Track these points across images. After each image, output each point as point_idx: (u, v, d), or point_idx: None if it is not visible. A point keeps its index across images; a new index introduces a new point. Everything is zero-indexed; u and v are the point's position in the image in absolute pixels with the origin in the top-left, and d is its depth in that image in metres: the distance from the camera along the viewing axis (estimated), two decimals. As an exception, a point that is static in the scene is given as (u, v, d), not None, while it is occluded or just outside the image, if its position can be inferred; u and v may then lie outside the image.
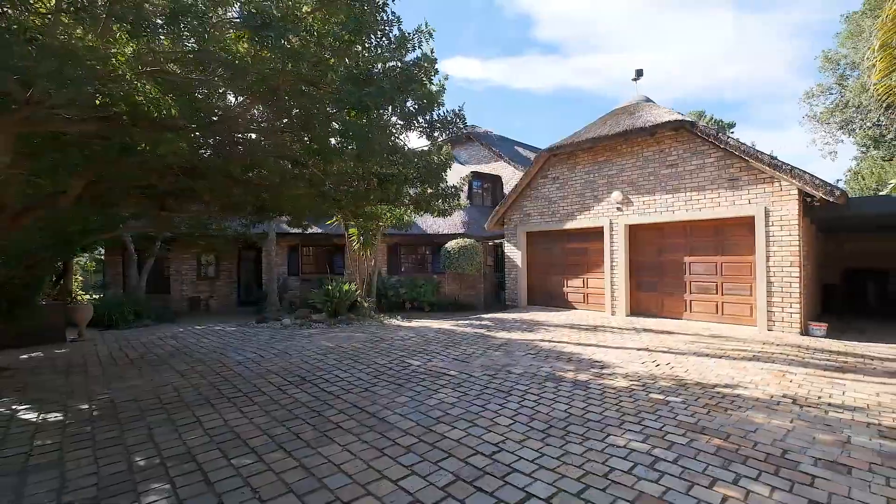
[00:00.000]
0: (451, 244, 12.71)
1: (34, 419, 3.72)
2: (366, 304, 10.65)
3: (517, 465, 2.80)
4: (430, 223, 13.89)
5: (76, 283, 12.04)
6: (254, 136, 4.03)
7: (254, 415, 3.79)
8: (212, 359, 5.97)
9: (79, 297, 10.17)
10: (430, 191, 5.51)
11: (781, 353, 5.93)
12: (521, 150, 19.68)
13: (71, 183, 4.63)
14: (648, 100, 10.42)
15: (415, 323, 9.49)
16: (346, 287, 10.69)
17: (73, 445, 3.17)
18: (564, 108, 78.14)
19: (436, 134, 4.42)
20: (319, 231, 13.09)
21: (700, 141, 8.49)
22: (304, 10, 3.27)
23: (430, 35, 3.84)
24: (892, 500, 2.38)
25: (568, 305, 11.00)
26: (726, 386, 4.47)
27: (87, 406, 4.04)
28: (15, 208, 4.87)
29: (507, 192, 16.38)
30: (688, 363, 5.43)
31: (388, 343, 7.00)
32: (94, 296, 11.82)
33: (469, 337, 7.44)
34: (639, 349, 6.33)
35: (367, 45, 3.51)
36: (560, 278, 11.23)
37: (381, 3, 3.36)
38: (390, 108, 3.70)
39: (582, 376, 4.90)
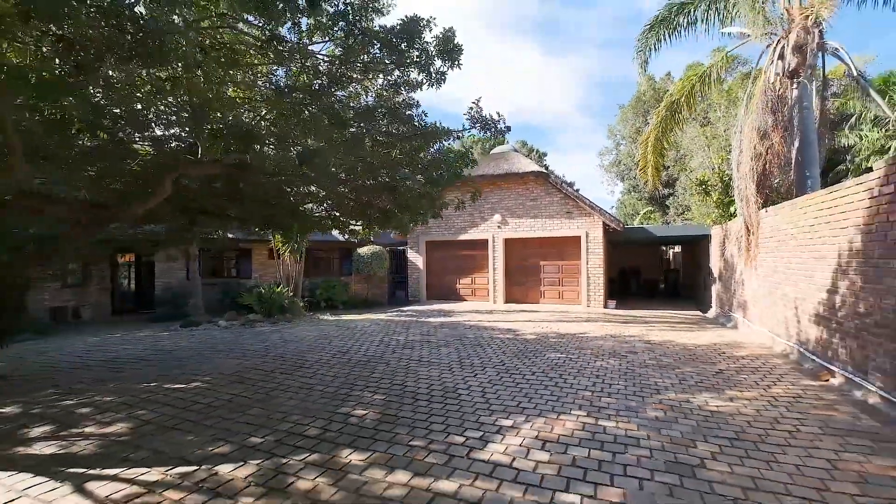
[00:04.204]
0: (363, 250, 14.81)
1: (186, 387, 4.96)
2: (301, 304, 12.02)
3: (519, 368, 5.79)
4: (338, 231, 15.60)
5: None
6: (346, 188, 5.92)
7: (349, 370, 5.80)
8: (231, 352, 7.18)
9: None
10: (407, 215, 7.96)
11: (598, 318, 10.43)
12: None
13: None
14: (516, 150, 14.71)
15: (351, 317, 11.50)
16: (277, 289, 11.87)
17: (259, 392, 4.79)
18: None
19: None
20: (229, 235, 13.43)
21: (550, 186, 12.96)
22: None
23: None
24: (652, 357, 6.24)
25: (461, 298, 14.47)
26: (581, 333, 8.36)
27: (209, 377, 5.34)
28: (82, 222, 5.54)
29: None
30: (557, 326, 9.31)
31: (360, 331, 9.09)
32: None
33: (411, 323, 10.05)
34: (525, 321, 10.05)
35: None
36: (454, 277, 14.64)
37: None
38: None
39: (508, 336, 8.20)
